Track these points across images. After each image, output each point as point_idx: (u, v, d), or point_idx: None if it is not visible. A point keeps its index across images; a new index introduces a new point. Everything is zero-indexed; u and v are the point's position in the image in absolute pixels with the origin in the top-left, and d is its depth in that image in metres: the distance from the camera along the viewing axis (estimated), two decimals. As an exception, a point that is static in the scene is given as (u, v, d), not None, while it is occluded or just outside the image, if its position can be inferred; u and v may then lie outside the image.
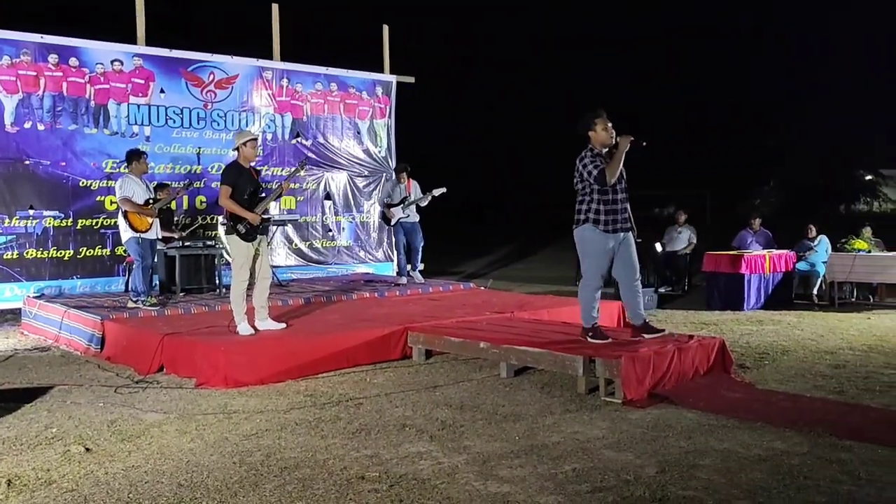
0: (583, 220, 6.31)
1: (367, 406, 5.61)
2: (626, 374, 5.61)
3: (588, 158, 6.24)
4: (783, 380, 6.39)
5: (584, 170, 6.25)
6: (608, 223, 6.25)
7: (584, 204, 6.30)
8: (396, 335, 7.21)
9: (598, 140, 6.24)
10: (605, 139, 6.22)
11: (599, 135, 6.23)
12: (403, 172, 10.99)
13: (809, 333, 8.71)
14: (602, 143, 6.24)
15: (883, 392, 5.92)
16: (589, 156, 6.25)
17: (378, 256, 13.19)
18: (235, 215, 7.10)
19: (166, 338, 6.89)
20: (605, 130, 6.21)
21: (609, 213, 6.24)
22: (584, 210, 6.31)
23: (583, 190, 6.31)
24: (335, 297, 9.53)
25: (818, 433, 4.76)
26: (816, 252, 11.72)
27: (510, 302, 9.38)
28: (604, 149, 6.26)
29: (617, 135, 6.24)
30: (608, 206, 6.23)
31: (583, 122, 6.30)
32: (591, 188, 6.21)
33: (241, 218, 7.11)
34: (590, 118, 6.26)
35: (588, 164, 6.22)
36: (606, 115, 6.25)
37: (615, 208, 6.26)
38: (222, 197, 7.09)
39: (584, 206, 6.30)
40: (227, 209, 7.11)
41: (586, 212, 6.29)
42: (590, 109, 6.31)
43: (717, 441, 4.69)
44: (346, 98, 12.88)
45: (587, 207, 6.28)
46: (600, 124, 6.22)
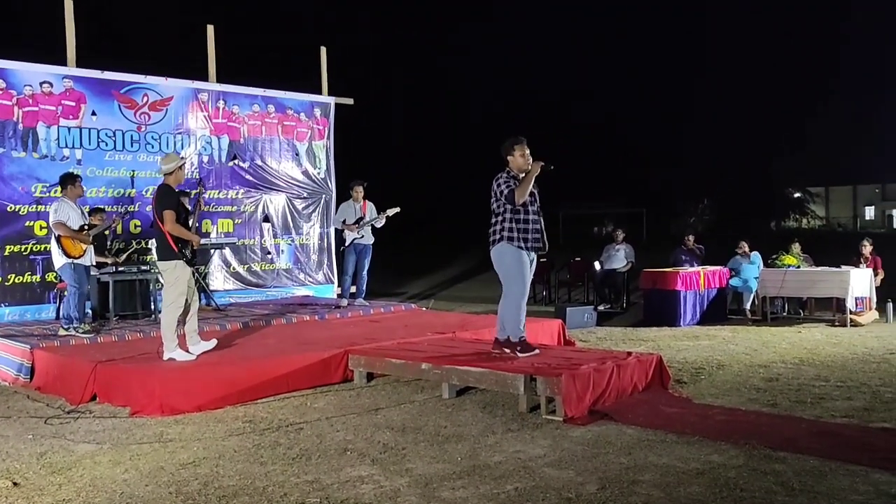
0: (498, 239, 6.57)
1: (308, 431, 5.54)
2: (567, 391, 5.65)
3: (503, 179, 6.57)
4: (719, 394, 6.52)
5: (497, 189, 6.56)
6: (522, 240, 6.51)
7: (499, 224, 6.57)
8: (337, 358, 7.15)
9: (515, 164, 6.60)
10: (522, 165, 6.57)
11: (517, 160, 6.59)
12: (360, 188, 10.87)
13: (743, 348, 8.91)
14: (519, 168, 6.59)
15: (814, 403, 6.08)
16: (504, 177, 6.58)
17: (318, 279, 13.07)
18: (181, 239, 7.00)
19: (99, 365, 6.71)
20: (522, 157, 6.58)
21: (522, 231, 6.52)
22: (498, 229, 6.58)
23: (497, 209, 6.60)
24: (274, 321, 9.41)
25: (753, 445, 4.86)
26: (751, 266, 12.00)
27: (451, 322, 9.39)
28: (520, 173, 6.57)
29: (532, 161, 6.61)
30: (521, 225, 6.52)
31: (504, 146, 6.64)
32: (505, 207, 6.51)
33: (186, 242, 7.02)
34: (510, 144, 6.61)
35: (502, 184, 6.54)
36: (525, 143, 6.62)
37: (527, 227, 6.54)
38: (168, 222, 6.97)
39: (499, 225, 6.57)
40: (175, 234, 7.00)
41: (500, 231, 6.55)
42: (512, 136, 6.68)
43: (657, 456, 4.75)
44: (284, 120, 12.78)
45: (501, 227, 6.55)
46: (518, 150, 6.59)
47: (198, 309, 7.42)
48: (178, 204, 7.10)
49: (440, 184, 39.64)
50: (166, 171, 7.23)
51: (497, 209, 6.61)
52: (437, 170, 38.99)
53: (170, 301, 7.09)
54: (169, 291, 7.14)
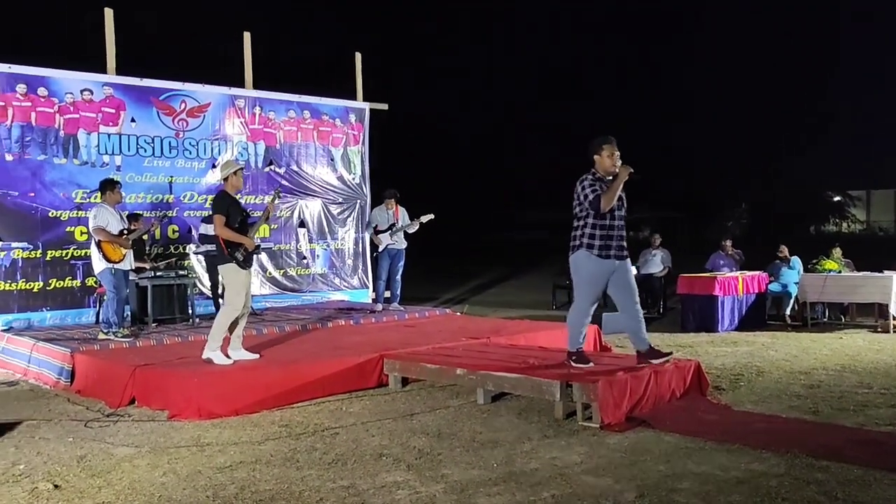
0: (577, 246, 6.24)
1: (343, 436, 5.54)
2: (603, 398, 5.60)
3: (588, 182, 6.20)
4: (759, 401, 6.41)
5: (581, 193, 6.20)
6: (602, 248, 6.16)
7: (580, 229, 6.23)
8: (372, 363, 7.15)
9: (602, 166, 6.22)
10: (609, 166, 6.18)
11: (604, 161, 6.19)
12: (392, 199, 10.91)
13: (783, 354, 8.77)
14: (606, 170, 6.20)
15: (857, 411, 5.96)
16: (589, 179, 6.21)
17: (353, 283, 13.13)
18: (232, 243, 7.08)
19: (138, 370, 6.79)
20: (610, 158, 6.18)
21: (604, 239, 6.16)
22: (578, 235, 6.24)
23: (579, 213, 6.25)
24: (310, 326, 9.45)
25: (795, 454, 4.77)
26: (791, 271, 11.81)
27: (486, 327, 9.36)
28: (607, 175, 6.20)
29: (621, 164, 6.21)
30: (603, 232, 6.15)
31: (591, 145, 6.27)
32: (588, 212, 6.15)
33: (237, 245, 7.09)
34: (598, 143, 6.23)
35: (587, 187, 6.17)
36: (615, 144, 6.21)
37: (611, 234, 6.17)
38: (218, 226, 7.06)
39: (580, 231, 6.23)
40: (224, 237, 7.07)
41: (580, 237, 6.21)
42: (600, 135, 6.28)
43: (695, 464, 4.68)
44: (320, 125, 12.87)
45: (582, 232, 6.21)
46: (607, 150, 6.19)
47: (247, 315, 7.48)
48: (229, 208, 7.16)
49: (475, 189, 39.66)
50: (222, 177, 7.35)
51: (579, 213, 6.25)
52: (472, 175, 39.01)
53: (227, 302, 7.19)
54: (226, 293, 7.28)
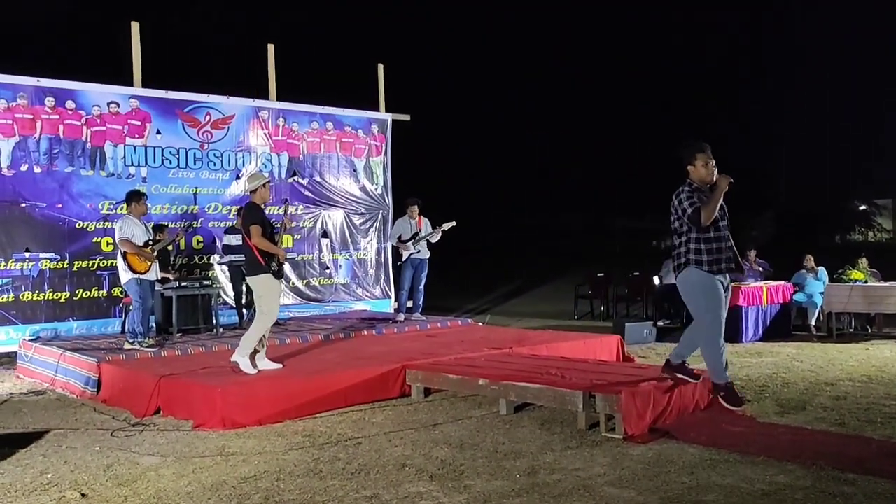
0: (684, 263, 5.80)
1: (366, 446, 5.56)
2: (627, 409, 5.57)
3: (685, 194, 5.78)
4: (784, 412, 6.35)
5: (679, 207, 5.79)
6: (713, 263, 5.73)
7: (683, 245, 5.81)
8: (395, 373, 7.17)
9: (697, 175, 5.83)
10: (705, 176, 5.80)
11: (699, 170, 5.81)
12: (415, 206, 10.95)
13: (809, 365, 8.68)
14: (701, 180, 5.81)
15: (884, 423, 5.89)
16: (686, 191, 5.80)
17: (375, 293, 13.18)
18: (267, 253, 7.15)
19: (163, 379, 6.85)
20: (705, 167, 5.79)
21: (712, 252, 5.73)
22: (683, 252, 5.81)
23: (679, 228, 5.84)
24: (333, 336, 9.49)
25: (821, 466, 4.72)
26: (816, 282, 11.70)
27: (508, 337, 9.35)
28: (703, 185, 5.82)
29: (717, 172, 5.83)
30: (710, 245, 5.73)
31: (684, 155, 5.91)
32: (689, 226, 5.76)
33: (272, 256, 7.17)
34: (692, 152, 5.85)
35: (684, 200, 5.76)
36: (709, 151, 5.83)
37: (719, 246, 5.76)
38: (255, 236, 7.14)
39: (684, 247, 5.81)
40: (262, 247, 7.15)
41: (686, 253, 5.79)
42: (693, 142, 5.93)
43: (720, 476, 4.64)
44: (342, 136, 12.95)
45: (687, 248, 5.79)
46: (701, 159, 5.80)
47: None
48: (263, 219, 7.26)
49: (497, 199, 39.67)
50: (250, 189, 7.44)
51: (679, 228, 5.82)
52: (495, 184, 39.03)
53: (263, 312, 7.25)
54: (261, 303, 7.30)
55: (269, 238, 7.29)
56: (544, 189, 40.70)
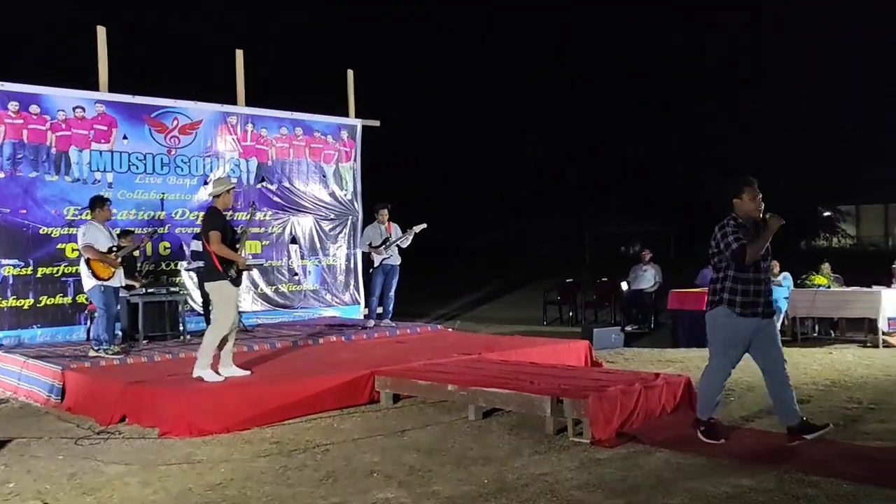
0: (717, 301, 5.50)
1: (335, 452, 5.54)
2: (594, 413, 5.61)
3: (730, 228, 5.43)
4: (749, 416, 6.44)
5: (722, 241, 5.43)
6: (746, 305, 5.40)
7: (720, 282, 5.50)
8: (364, 379, 7.15)
9: (743, 210, 5.49)
10: (752, 211, 5.48)
11: (746, 204, 5.48)
12: (385, 211, 10.89)
13: (774, 369, 8.77)
14: (747, 215, 5.48)
15: (847, 426, 5.99)
16: (731, 225, 5.44)
17: (345, 300, 13.13)
18: (226, 260, 7.09)
19: (128, 387, 6.78)
20: (752, 201, 5.47)
21: (747, 295, 5.40)
22: (718, 289, 5.50)
23: (718, 264, 5.52)
24: (301, 342, 9.46)
25: (784, 469, 4.79)
26: (781, 287, 11.87)
27: (478, 343, 9.37)
28: (748, 221, 5.50)
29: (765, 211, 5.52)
30: (748, 286, 5.40)
31: (730, 188, 5.61)
32: (729, 264, 5.42)
33: (230, 262, 7.11)
34: (739, 185, 5.53)
35: (729, 234, 5.40)
36: (756, 185, 5.52)
37: (757, 289, 5.42)
38: (214, 242, 7.06)
39: (719, 284, 5.50)
40: (220, 254, 7.08)
41: (721, 291, 5.47)
42: (741, 175, 5.64)
43: (686, 480, 4.70)
44: (312, 142, 12.91)
45: (722, 286, 5.47)
46: (748, 194, 5.47)
47: (236, 331, 7.49)
48: (224, 225, 7.20)
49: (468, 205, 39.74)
50: (214, 194, 7.37)
51: (718, 264, 5.51)
52: (465, 191, 39.11)
53: (218, 319, 7.17)
54: (216, 311, 7.24)
55: (230, 244, 7.23)
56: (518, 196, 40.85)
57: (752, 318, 5.40)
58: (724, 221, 5.51)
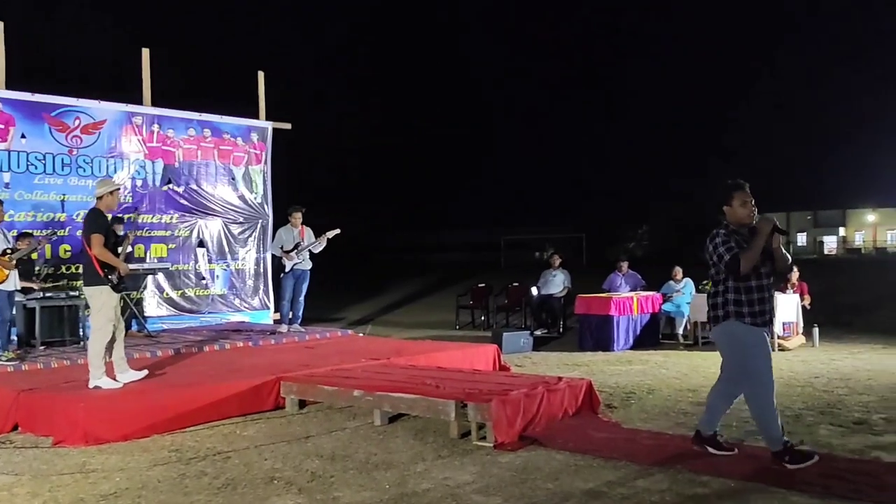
0: (722, 317, 5.17)
1: (235, 460, 5.46)
2: (497, 417, 5.68)
3: (720, 238, 5.16)
4: (648, 418, 6.61)
5: (714, 252, 5.17)
6: (756, 315, 5.09)
7: (720, 295, 5.19)
8: (269, 385, 7.06)
9: (734, 216, 5.22)
10: (743, 217, 5.20)
11: (736, 211, 5.21)
12: (298, 214, 10.75)
13: (674, 372, 9.06)
14: (738, 221, 5.22)
15: (739, 427, 6.20)
16: (722, 235, 5.17)
17: (254, 304, 12.93)
18: (108, 265, 6.88)
19: (22, 394, 6.53)
20: (743, 206, 5.19)
21: (754, 304, 5.09)
22: (720, 303, 5.18)
23: (716, 276, 5.24)
24: (207, 348, 9.28)
25: (678, 470, 4.94)
26: (682, 294, 12.25)
27: (387, 348, 9.37)
28: (741, 227, 5.24)
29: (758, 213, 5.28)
30: (752, 295, 5.11)
31: (719, 194, 5.32)
32: (727, 275, 5.14)
33: (113, 268, 6.91)
34: (728, 190, 5.25)
35: (720, 245, 5.13)
36: (748, 189, 5.24)
37: (762, 297, 5.12)
38: (96, 245, 6.84)
39: (721, 297, 5.18)
40: (102, 258, 6.87)
41: (724, 304, 5.15)
42: (730, 180, 5.33)
43: (583, 481, 4.79)
44: (221, 144, 12.68)
45: (724, 299, 5.16)
46: (738, 199, 5.20)
47: (125, 336, 7.32)
48: (107, 229, 7.01)
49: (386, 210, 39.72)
50: (97, 195, 7.14)
51: (716, 276, 5.23)
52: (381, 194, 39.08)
53: (97, 327, 6.95)
54: (96, 318, 7.00)
55: (113, 249, 7.06)
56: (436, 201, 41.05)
57: (764, 326, 5.13)
58: (715, 231, 5.26)
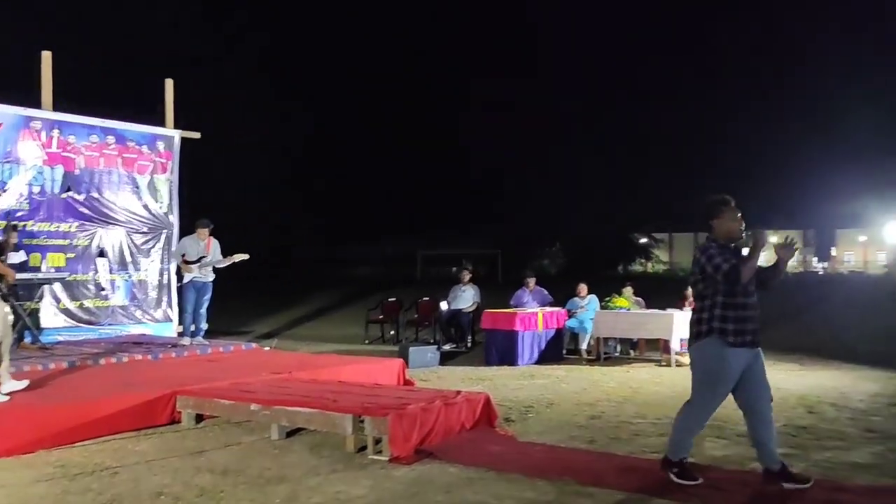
0: (705, 332, 5.03)
1: (124, 475, 5.33)
2: (393, 431, 5.70)
3: (714, 250, 5.05)
4: (544, 431, 6.73)
5: (708, 264, 5.02)
6: (738, 334, 4.97)
7: (707, 311, 5.05)
8: (164, 399, 6.91)
9: (723, 230, 5.15)
10: (734, 231, 5.14)
11: (727, 225, 5.14)
12: (205, 230, 10.57)
13: (575, 387, 9.24)
14: (729, 235, 5.15)
15: (630, 440, 6.38)
16: (714, 247, 5.08)
17: (156, 316, 12.61)
18: None
19: None
20: (733, 221, 5.14)
21: (738, 322, 4.97)
22: (705, 318, 5.05)
23: (704, 290, 5.11)
24: (103, 361, 9.01)
25: (566, 482, 5.05)
26: (586, 310, 12.51)
27: (290, 362, 9.28)
28: (730, 243, 5.17)
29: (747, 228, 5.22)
30: (737, 313, 4.98)
31: (707, 209, 5.23)
32: (716, 289, 5.01)
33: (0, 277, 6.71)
34: (718, 205, 5.18)
35: (715, 256, 5.00)
36: (734, 204, 5.19)
37: (746, 315, 5.00)
38: None
39: (706, 312, 5.05)
40: None
41: (710, 320, 5.02)
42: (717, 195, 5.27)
43: (474, 494, 4.86)
44: (125, 151, 12.35)
45: (710, 315, 5.02)
46: (729, 213, 5.14)
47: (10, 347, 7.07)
48: None
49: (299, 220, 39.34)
50: None
51: (704, 290, 5.09)
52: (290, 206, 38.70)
53: None
54: None
55: None
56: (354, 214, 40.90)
57: (744, 347, 4.99)
58: (705, 245, 5.17)
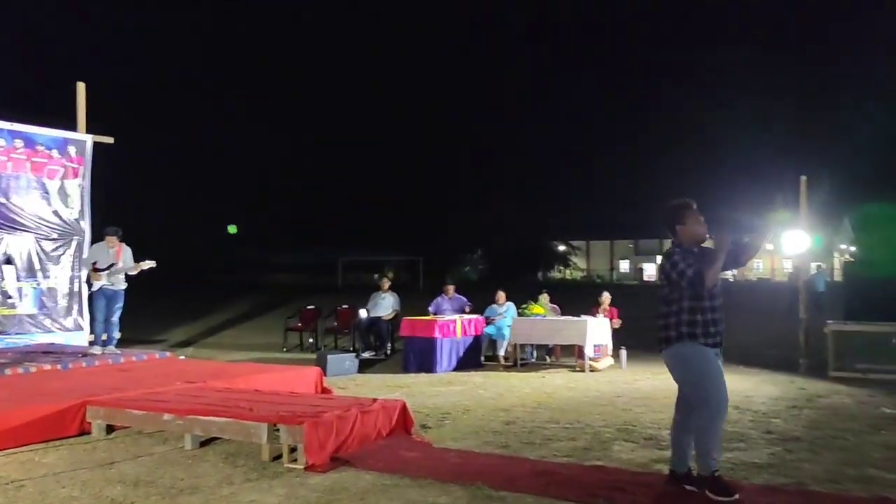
0: (675, 337, 5.02)
1: (30, 488, 5.22)
2: (309, 439, 5.72)
3: (678, 256, 5.03)
4: (459, 437, 6.83)
5: (673, 271, 5.01)
6: (709, 335, 4.97)
7: (674, 316, 5.03)
8: (73, 410, 6.76)
9: (689, 234, 5.14)
10: (699, 234, 5.14)
11: (692, 229, 5.13)
12: (114, 237, 10.37)
13: (491, 393, 9.39)
14: (694, 239, 5.14)
15: (542, 444, 6.54)
16: (679, 252, 5.05)
17: (67, 325, 12.27)
18: None
19: None
20: (697, 223, 5.13)
21: (706, 325, 4.97)
22: (673, 324, 5.02)
23: (670, 295, 5.07)
24: (9, 371, 8.72)
25: (478, 486, 5.16)
26: (504, 317, 12.71)
27: (205, 371, 9.17)
28: (694, 246, 5.16)
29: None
30: (706, 315, 4.98)
31: (670, 214, 5.21)
32: (682, 294, 4.99)
33: None
34: (681, 210, 5.18)
35: (679, 262, 4.98)
36: (696, 207, 5.21)
37: (714, 318, 5.00)
38: None
39: (673, 318, 5.03)
40: None
41: (678, 325, 5.00)
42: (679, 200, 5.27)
43: (388, 500, 4.92)
44: (33, 156, 11.99)
45: (677, 320, 5.01)
46: (692, 217, 5.14)
47: None
48: None
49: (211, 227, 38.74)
50: None
51: (670, 295, 5.06)
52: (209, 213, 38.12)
53: None
54: None
55: None
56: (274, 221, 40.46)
57: (715, 347, 5.02)
58: (670, 251, 5.16)
